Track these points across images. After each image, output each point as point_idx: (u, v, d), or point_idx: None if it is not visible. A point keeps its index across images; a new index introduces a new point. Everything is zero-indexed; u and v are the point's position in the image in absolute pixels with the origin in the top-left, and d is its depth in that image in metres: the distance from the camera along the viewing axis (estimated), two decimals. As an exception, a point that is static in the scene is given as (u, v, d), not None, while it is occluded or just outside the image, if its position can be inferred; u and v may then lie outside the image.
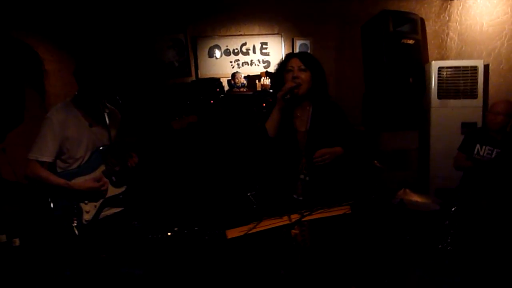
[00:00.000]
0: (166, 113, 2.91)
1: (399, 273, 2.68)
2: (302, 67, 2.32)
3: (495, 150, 3.33)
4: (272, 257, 1.81)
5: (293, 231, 1.69)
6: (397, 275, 2.66)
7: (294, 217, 1.76)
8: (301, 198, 2.19)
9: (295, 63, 2.33)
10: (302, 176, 2.30)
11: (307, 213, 1.70)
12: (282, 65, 2.40)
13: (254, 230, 1.64)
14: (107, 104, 2.55)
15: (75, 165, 2.44)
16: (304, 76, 2.30)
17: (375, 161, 3.46)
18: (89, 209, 2.43)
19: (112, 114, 2.60)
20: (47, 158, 2.33)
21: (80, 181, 2.40)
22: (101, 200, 2.48)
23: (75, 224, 2.32)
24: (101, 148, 2.52)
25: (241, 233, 1.62)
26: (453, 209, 2.98)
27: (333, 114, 2.44)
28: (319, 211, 1.75)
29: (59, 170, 2.41)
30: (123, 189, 2.62)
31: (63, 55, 4.47)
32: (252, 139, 2.35)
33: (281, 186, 2.30)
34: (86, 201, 2.41)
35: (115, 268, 2.29)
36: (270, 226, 1.70)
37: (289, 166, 2.32)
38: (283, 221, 1.75)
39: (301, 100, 2.36)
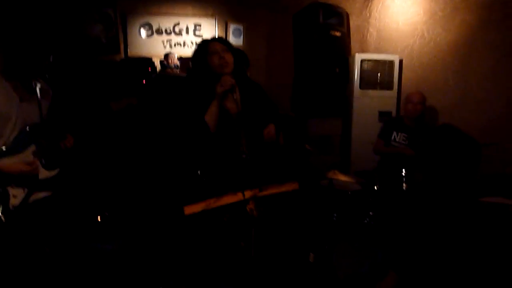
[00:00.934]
0: (100, 91, 2.78)
1: (328, 246, 2.90)
2: (226, 48, 2.36)
3: (409, 136, 3.74)
4: (231, 232, 1.88)
5: (248, 206, 1.78)
6: (326, 248, 2.88)
7: (248, 193, 1.84)
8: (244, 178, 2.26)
9: (218, 46, 2.35)
10: (244, 156, 2.38)
11: (261, 188, 1.79)
12: (202, 49, 2.40)
13: (212, 206, 1.69)
14: (39, 79, 2.37)
15: (0, 143, 2.23)
16: (228, 57, 2.35)
17: (306, 145, 3.69)
18: (16, 193, 2.24)
19: (44, 90, 2.42)
20: None
21: (10, 163, 2.20)
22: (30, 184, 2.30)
23: (1, 210, 2.14)
24: (29, 127, 2.33)
25: (200, 209, 1.66)
26: (375, 187, 3.31)
27: (259, 94, 2.55)
28: (272, 187, 1.85)
29: None
30: (54, 172, 2.46)
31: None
32: (193, 134, 2.35)
33: (225, 168, 2.35)
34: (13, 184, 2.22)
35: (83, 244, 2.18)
36: (227, 202, 1.76)
37: (230, 148, 2.39)
38: (237, 196, 1.82)
39: None
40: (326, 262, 2.34)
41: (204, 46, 2.40)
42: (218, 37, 2.55)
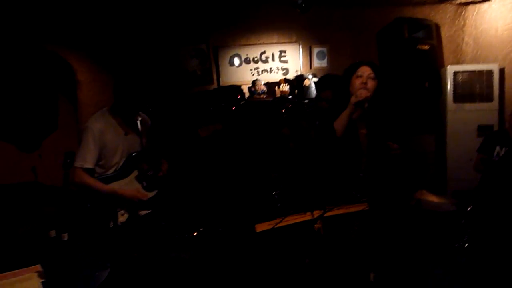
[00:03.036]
0: (192, 120, 3.12)
1: (418, 270, 2.78)
2: (372, 75, 2.46)
3: None
4: (298, 249, 1.97)
5: (316, 225, 1.85)
6: (416, 273, 2.77)
7: (316, 213, 1.92)
8: (359, 195, 2.35)
9: (366, 71, 2.47)
10: (361, 174, 2.47)
11: (329, 208, 1.86)
12: (351, 70, 2.54)
13: (280, 224, 1.81)
14: (139, 112, 2.77)
15: (111, 171, 2.65)
16: (371, 84, 2.45)
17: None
18: (123, 212, 2.63)
19: (144, 121, 2.81)
20: (90, 164, 2.54)
21: (125, 189, 2.61)
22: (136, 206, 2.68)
23: (112, 226, 2.52)
24: (134, 154, 2.73)
25: (269, 227, 1.79)
26: (469, 208, 3.08)
27: (388, 119, 2.61)
28: (339, 207, 1.90)
29: (96, 176, 2.62)
30: (154, 193, 2.82)
31: (94, 66, 4.74)
32: (321, 138, 2.51)
33: (340, 183, 2.46)
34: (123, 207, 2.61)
35: (163, 254, 2.49)
36: (295, 221, 1.86)
37: (351, 164, 2.49)
38: (306, 216, 1.91)
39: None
40: (388, 282, 2.28)
41: (354, 67, 2.55)
42: (370, 61, 2.63)
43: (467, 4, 4.88)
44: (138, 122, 2.72)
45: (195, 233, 3.38)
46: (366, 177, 2.41)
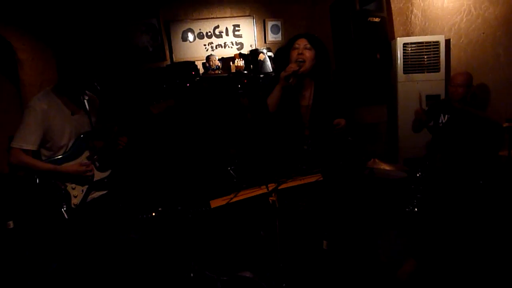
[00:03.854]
0: (145, 98, 3.03)
1: (370, 234, 2.91)
2: (308, 45, 2.50)
3: (451, 117, 3.58)
4: (253, 222, 1.99)
5: (270, 198, 1.87)
6: (368, 236, 2.90)
7: (271, 185, 1.93)
8: (304, 167, 2.38)
9: (301, 42, 2.51)
10: (305, 147, 2.50)
11: (282, 181, 1.87)
12: (289, 43, 2.57)
13: (235, 199, 1.81)
14: (86, 91, 2.64)
15: (59, 153, 2.53)
16: (308, 54, 2.49)
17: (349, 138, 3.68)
18: (76, 194, 2.53)
19: (92, 100, 2.70)
20: (31, 146, 2.39)
21: (67, 165, 2.50)
22: (87, 184, 2.59)
23: (65, 209, 2.43)
24: (83, 134, 2.62)
25: (223, 202, 1.79)
26: (417, 174, 3.23)
27: (334, 91, 2.65)
28: (293, 179, 1.93)
29: (43, 158, 2.49)
30: (107, 173, 2.74)
31: (36, 44, 4.45)
32: (254, 113, 2.52)
33: (285, 156, 2.48)
34: (73, 186, 2.51)
35: (114, 235, 2.44)
36: (249, 195, 1.87)
37: (293, 137, 2.51)
38: (261, 190, 1.92)
39: (304, 77, 2.54)
40: (340, 249, 2.38)
41: (292, 41, 2.58)
42: (308, 33, 2.66)
43: (416, -24, 4.97)
44: (85, 102, 2.60)
45: (153, 214, 3.34)
46: (311, 150, 2.45)
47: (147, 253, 2.54)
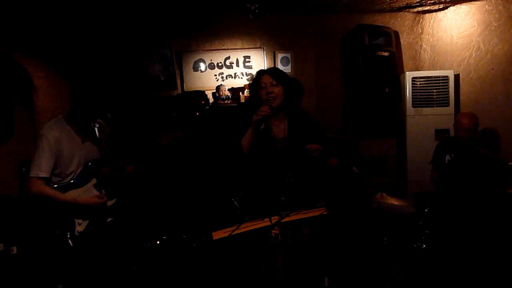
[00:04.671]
0: (154, 126, 3.07)
1: (376, 271, 2.84)
2: (274, 82, 2.52)
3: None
4: (254, 256, 1.95)
5: (273, 231, 1.85)
6: (375, 273, 2.83)
7: (275, 218, 1.91)
8: (288, 200, 2.36)
9: (267, 79, 2.52)
10: (286, 179, 2.48)
11: (286, 214, 1.86)
12: (255, 82, 2.59)
13: (237, 231, 1.79)
14: (96, 120, 2.70)
15: (67, 179, 2.56)
16: (277, 90, 2.51)
17: (354, 168, 3.65)
18: (81, 222, 2.54)
19: (102, 128, 2.74)
20: (46, 173, 2.44)
21: (86, 198, 2.52)
22: (95, 215, 2.60)
23: (69, 236, 2.44)
24: (91, 162, 2.65)
25: (226, 234, 1.77)
26: (426, 210, 3.17)
27: (306, 122, 2.66)
28: (297, 213, 1.91)
29: (51, 185, 2.52)
30: (113, 201, 2.75)
31: (52, 71, 4.58)
32: (228, 156, 2.53)
33: (268, 191, 2.47)
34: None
35: (114, 265, 2.43)
36: (252, 228, 1.85)
37: (273, 171, 2.50)
38: (264, 222, 1.90)
39: (277, 111, 2.54)
40: (343, 285, 2.31)
41: (256, 79, 2.60)
42: (270, 68, 2.71)
43: (424, 12, 5.06)
44: (96, 129, 2.65)
45: (158, 242, 3.32)
46: (293, 182, 2.43)
47: (147, 284, 2.51)
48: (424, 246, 3.02)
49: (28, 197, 2.57)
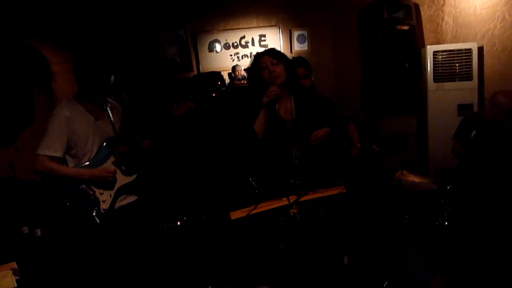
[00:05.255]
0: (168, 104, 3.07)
1: (398, 249, 2.81)
2: (275, 61, 2.48)
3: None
4: (273, 235, 1.95)
5: (291, 210, 1.84)
6: (396, 251, 2.80)
7: (292, 198, 1.90)
8: (298, 182, 2.34)
9: (267, 60, 2.48)
10: (296, 161, 2.46)
11: (303, 193, 1.84)
12: (254, 65, 2.55)
13: (255, 211, 1.78)
14: (108, 99, 2.69)
15: (84, 160, 2.57)
16: (279, 69, 2.47)
17: (373, 145, 3.59)
18: (105, 199, 2.56)
19: (115, 108, 2.74)
20: (56, 153, 2.44)
21: (90, 170, 2.51)
22: (115, 189, 2.62)
23: (95, 214, 2.46)
24: (107, 140, 2.65)
25: (243, 214, 1.77)
26: (448, 187, 3.11)
27: (314, 100, 2.62)
28: (315, 191, 1.89)
29: (70, 166, 2.55)
30: (134, 177, 2.76)
31: (69, 56, 4.62)
32: (242, 142, 2.51)
33: (278, 173, 2.45)
34: (101, 191, 2.55)
35: (134, 246, 2.46)
36: (270, 207, 1.84)
37: (283, 154, 2.47)
38: (282, 202, 1.89)
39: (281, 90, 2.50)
40: (363, 264, 2.29)
41: (256, 61, 2.56)
42: (268, 49, 2.67)
43: (446, -18, 4.85)
44: (108, 109, 2.65)
45: (178, 223, 3.36)
46: (303, 163, 2.39)
47: (165, 265, 2.54)
48: (446, 223, 2.96)
49: (50, 181, 2.59)
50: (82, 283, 2.49)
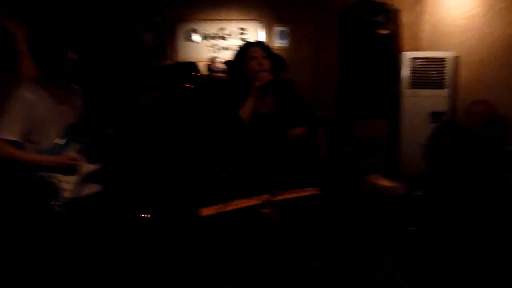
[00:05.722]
0: (133, 92, 2.96)
1: (367, 253, 2.81)
2: (265, 55, 2.41)
3: None
4: (244, 236, 1.89)
5: (263, 210, 1.78)
6: (365, 255, 2.80)
7: (265, 197, 1.84)
8: (269, 179, 2.28)
9: (258, 52, 2.41)
10: (271, 157, 2.40)
11: (278, 192, 1.78)
12: (241, 54, 2.46)
13: (227, 209, 1.71)
14: (71, 84, 2.54)
15: (44, 146, 2.38)
16: (267, 64, 2.40)
17: (349, 147, 3.59)
18: (68, 187, 2.41)
19: (78, 93, 2.60)
20: (14, 136, 2.23)
21: (49, 157, 2.34)
22: (79, 177, 2.47)
23: (54, 202, 2.30)
24: (70, 127, 2.49)
25: (215, 211, 1.69)
26: (419, 192, 3.14)
27: (292, 97, 2.57)
28: (288, 192, 1.83)
29: (29, 152, 2.38)
30: (98, 165, 2.62)
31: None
32: (227, 127, 2.41)
33: (252, 169, 2.38)
34: (64, 178, 2.38)
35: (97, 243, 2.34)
36: (242, 205, 1.77)
37: (258, 149, 2.41)
38: (255, 200, 1.83)
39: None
40: (335, 268, 2.27)
41: (244, 50, 2.47)
42: (258, 41, 2.60)
43: (427, -10, 4.90)
44: (70, 93, 2.51)
45: (148, 215, 3.23)
46: (276, 161, 2.35)
47: (124, 263, 2.43)
48: (417, 228, 2.99)
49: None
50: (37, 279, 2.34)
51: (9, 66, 4.50)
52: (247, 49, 2.44)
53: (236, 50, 2.53)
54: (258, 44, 2.50)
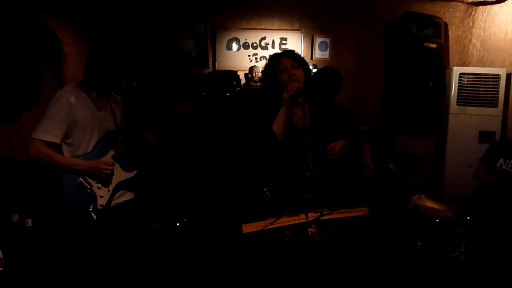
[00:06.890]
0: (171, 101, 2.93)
1: (410, 279, 2.64)
2: (295, 64, 2.31)
3: None
4: (287, 255, 1.78)
5: (310, 229, 1.67)
6: (407, 281, 2.63)
7: (312, 215, 1.73)
8: (309, 196, 2.16)
9: (287, 62, 2.31)
10: (309, 174, 2.28)
11: (327, 212, 1.66)
12: (271, 65, 2.37)
13: (271, 226, 1.61)
14: (112, 93, 2.55)
15: (81, 149, 2.38)
16: (299, 73, 2.29)
17: (390, 165, 3.42)
18: (103, 194, 2.40)
19: (117, 101, 2.60)
20: (52, 138, 2.26)
21: (85, 162, 2.33)
22: (113, 184, 2.45)
23: (91, 209, 2.29)
24: (108, 133, 2.49)
25: (258, 228, 1.59)
26: (468, 218, 2.93)
27: (330, 109, 2.46)
28: (338, 211, 1.71)
29: (66, 155, 2.38)
30: (134, 173, 2.60)
31: (82, 39, 4.46)
32: (260, 143, 2.32)
33: (289, 185, 2.27)
34: (99, 185, 2.39)
35: (133, 256, 2.27)
36: (287, 223, 1.67)
37: (296, 164, 2.30)
38: (300, 219, 1.72)
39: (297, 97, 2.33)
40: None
41: (274, 61, 2.38)
42: (288, 51, 2.50)
43: (478, 4, 4.68)
44: (111, 101, 2.51)
45: (177, 224, 3.19)
46: (315, 176, 2.21)
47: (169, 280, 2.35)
48: (462, 256, 2.78)
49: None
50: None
51: (53, 68, 4.61)
52: (277, 61, 2.36)
53: (266, 62, 2.45)
54: (287, 54, 2.40)
